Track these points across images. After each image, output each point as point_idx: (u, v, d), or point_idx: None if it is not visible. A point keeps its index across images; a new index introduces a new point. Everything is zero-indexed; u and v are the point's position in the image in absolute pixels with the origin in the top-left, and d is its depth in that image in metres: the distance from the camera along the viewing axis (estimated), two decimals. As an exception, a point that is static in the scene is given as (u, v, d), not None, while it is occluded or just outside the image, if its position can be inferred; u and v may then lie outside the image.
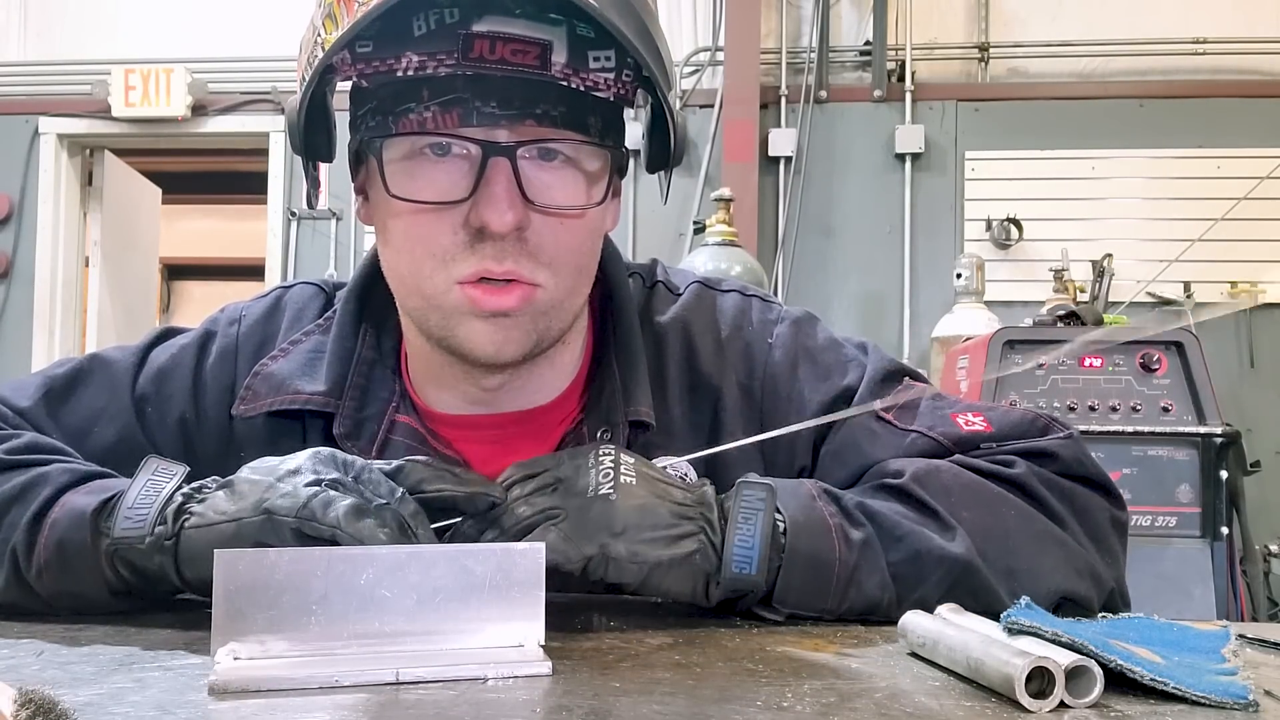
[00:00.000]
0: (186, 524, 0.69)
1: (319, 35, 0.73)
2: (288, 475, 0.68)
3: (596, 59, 0.73)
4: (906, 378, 0.91)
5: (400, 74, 0.72)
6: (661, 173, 0.86)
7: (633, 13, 0.73)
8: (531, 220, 0.76)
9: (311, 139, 0.81)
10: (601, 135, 0.77)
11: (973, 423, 0.86)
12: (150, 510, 0.69)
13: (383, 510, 0.65)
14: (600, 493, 0.70)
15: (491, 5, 0.71)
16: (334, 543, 0.64)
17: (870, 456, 0.86)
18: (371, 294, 0.92)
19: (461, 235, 0.75)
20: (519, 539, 0.68)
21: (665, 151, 0.83)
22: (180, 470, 0.73)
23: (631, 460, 0.74)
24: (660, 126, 0.82)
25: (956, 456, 0.84)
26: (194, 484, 0.72)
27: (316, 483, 0.67)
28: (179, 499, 0.70)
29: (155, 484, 0.71)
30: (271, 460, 0.71)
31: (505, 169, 0.73)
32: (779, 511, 0.74)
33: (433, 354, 0.85)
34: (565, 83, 0.73)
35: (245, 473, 0.70)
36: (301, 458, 0.70)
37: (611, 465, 0.72)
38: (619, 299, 0.90)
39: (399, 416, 0.88)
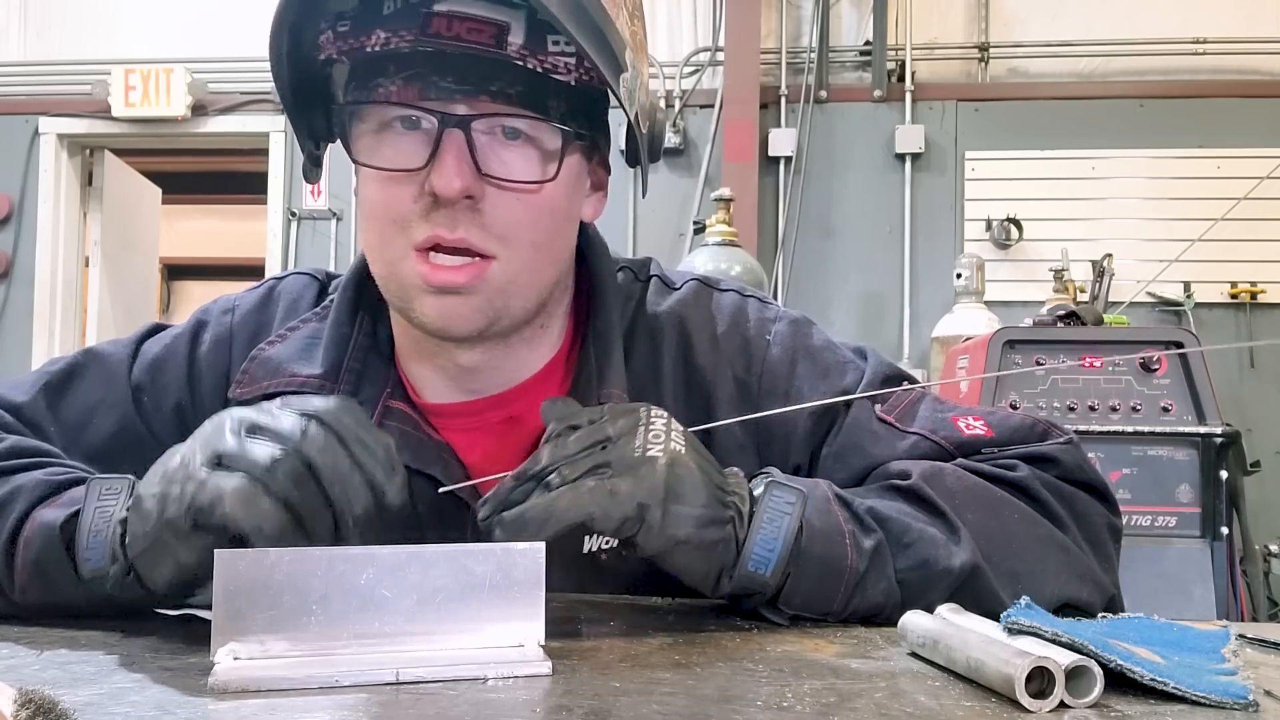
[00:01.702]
0: (131, 554, 0.68)
1: None
2: (176, 472, 0.65)
3: (555, 43, 0.76)
4: (905, 382, 0.91)
5: (368, 50, 0.77)
6: (640, 168, 0.87)
7: (580, 8, 0.74)
8: (486, 193, 0.78)
9: (314, 118, 0.85)
10: (564, 118, 0.79)
11: (973, 427, 0.86)
12: (104, 546, 0.69)
13: (275, 471, 0.62)
14: (649, 454, 0.69)
15: None
16: (230, 534, 0.62)
17: (873, 458, 0.86)
18: (369, 283, 0.92)
19: (420, 203, 0.78)
20: (548, 485, 0.68)
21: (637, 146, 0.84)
22: (123, 486, 0.71)
23: (681, 429, 0.73)
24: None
25: (959, 460, 0.84)
26: (131, 500, 0.70)
27: (203, 468, 0.64)
28: (119, 528, 0.69)
29: (103, 511, 0.70)
30: (167, 455, 0.68)
31: (458, 139, 0.76)
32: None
33: (408, 330, 0.87)
34: (522, 63, 0.76)
35: (144, 484, 0.68)
36: (191, 442, 0.67)
37: (663, 428, 0.72)
38: (600, 287, 0.91)
39: (393, 403, 0.89)
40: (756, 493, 0.74)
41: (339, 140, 0.85)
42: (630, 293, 0.94)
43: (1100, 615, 0.77)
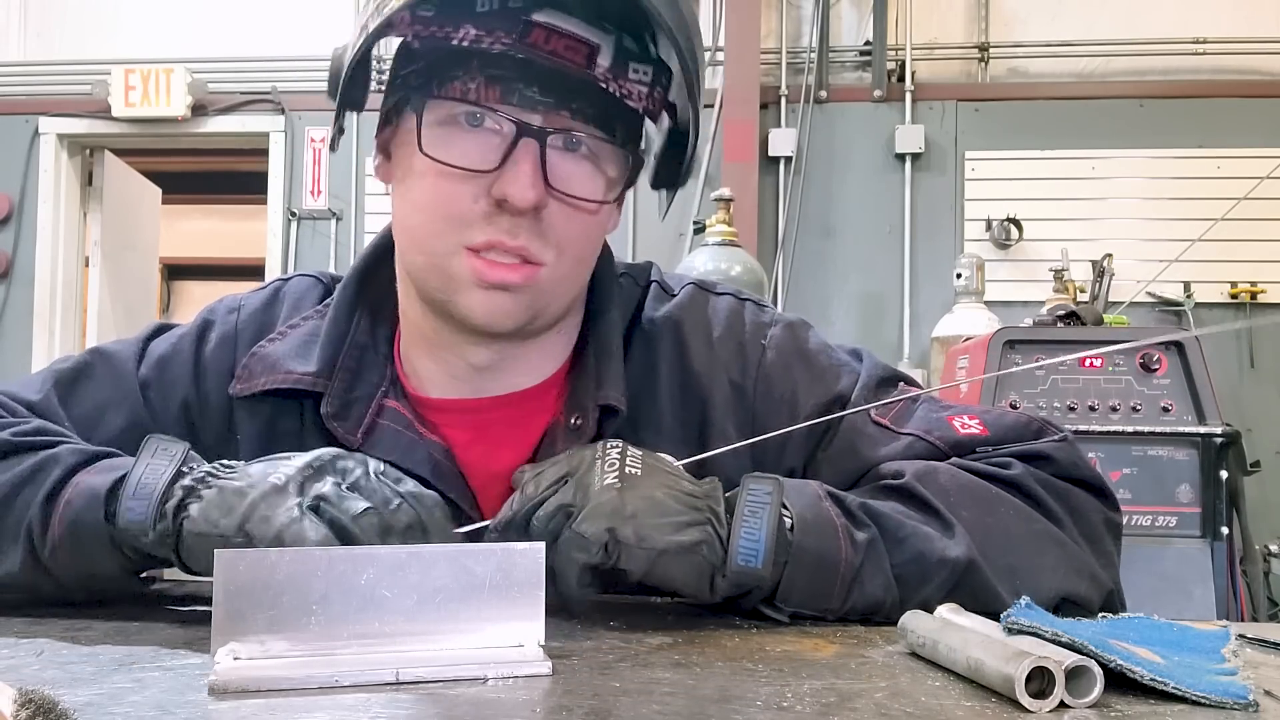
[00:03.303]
0: (185, 524, 0.70)
1: None
2: (273, 493, 0.68)
3: (635, 70, 0.78)
4: (901, 383, 0.92)
5: (456, 43, 0.76)
6: (664, 191, 0.91)
7: (685, 28, 0.78)
8: (549, 203, 0.79)
9: (353, 89, 0.84)
10: (624, 142, 0.82)
11: (968, 426, 0.87)
12: (151, 501, 0.71)
13: (360, 523, 0.68)
14: (606, 482, 0.71)
15: (554, 0, 0.76)
16: None
17: (867, 460, 0.86)
18: (371, 281, 0.94)
19: (482, 204, 0.79)
20: (531, 533, 0.71)
21: (675, 171, 0.88)
22: (179, 450, 0.74)
23: (639, 453, 0.75)
24: (674, 147, 0.87)
25: (954, 459, 0.84)
26: (197, 472, 0.72)
27: (300, 504, 0.68)
28: (179, 492, 0.71)
29: (154, 468, 0.72)
30: (271, 463, 0.72)
31: (534, 149, 0.77)
32: (786, 508, 0.75)
33: (424, 320, 0.88)
34: (604, 86, 0.78)
35: (240, 479, 0.71)
36: (293, 467, 0.71)
37: (618, 457, 0.74)
38: (602, 294, 0.92)
39: (387, 401, 0.89)
40: (737, 496, 0.75)
41: (383, 125, 0.85)
42: (631, 298, 0.94)
43: (1100, 615, 0.77)
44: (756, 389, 0.90)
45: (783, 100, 4.45)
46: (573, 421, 0.86)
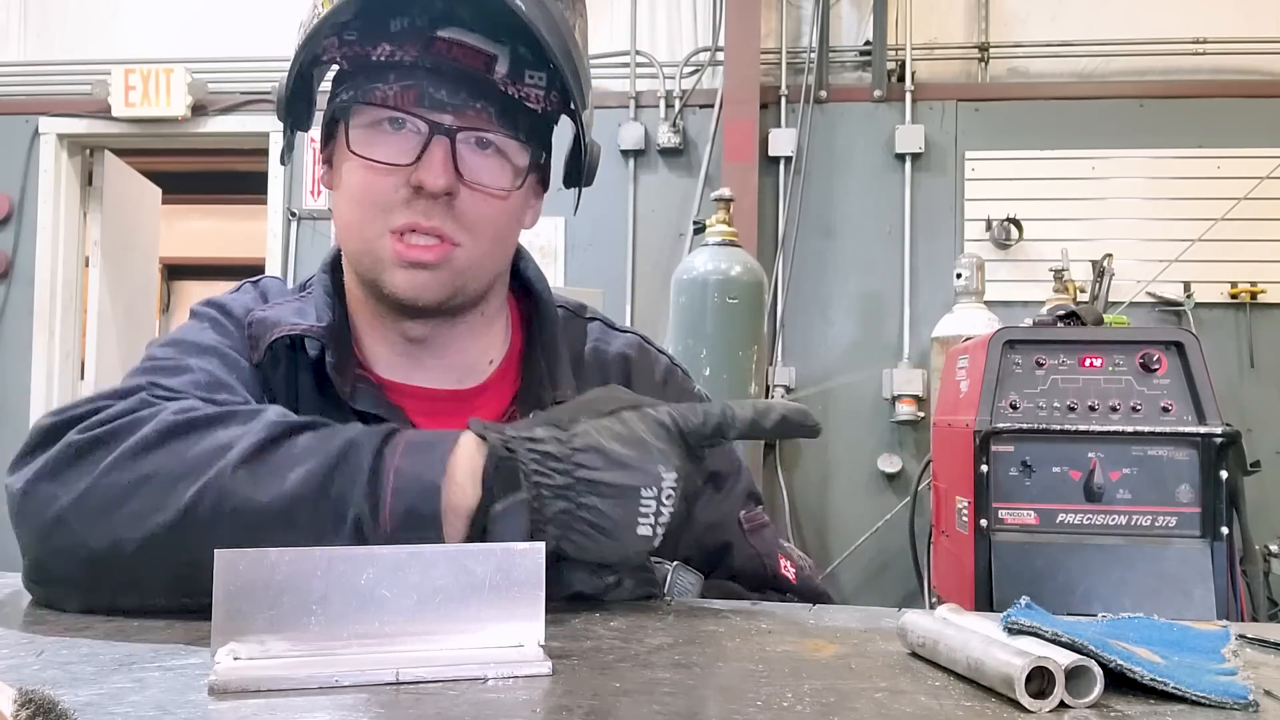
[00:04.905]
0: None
1: (317, 10, 0.89)
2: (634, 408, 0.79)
3: (531, 77, 0.91)
4: (760, 506, 1.08)
5: (374, 59, 0.89)
6: (575, 190, 1.02)
7: (560, 36, 0.88)
8: (460, 192, 0.90)
9: (296, 109, 0.97)
10: (528, 138, 0.94)
11: (787, 570, 1.05)
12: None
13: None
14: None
15: (453, 20, 0.89)
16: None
17: (726, 532, 1.02)
18: (335, 274, 1.03)
19: (402, 192, 0.90)
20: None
21: (577, 171, 1.00)
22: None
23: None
24: (578, 149, 0.98)
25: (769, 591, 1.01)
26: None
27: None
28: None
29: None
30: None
31: (445, 145, 0.89)
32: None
33: (366, 302, 0.98)
34: (504, 89, 0.90)
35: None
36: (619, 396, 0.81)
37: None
38: (542, 305, 1.05)
39: (359, 371, 0.98)
40: None
41: (325, 141, 0.97)
42: (572, 327, 1.07)
43: (1100, 615, 0.77)
44: None
45: (783, 100, 4.45)
46: (531, 417, 0.90)
